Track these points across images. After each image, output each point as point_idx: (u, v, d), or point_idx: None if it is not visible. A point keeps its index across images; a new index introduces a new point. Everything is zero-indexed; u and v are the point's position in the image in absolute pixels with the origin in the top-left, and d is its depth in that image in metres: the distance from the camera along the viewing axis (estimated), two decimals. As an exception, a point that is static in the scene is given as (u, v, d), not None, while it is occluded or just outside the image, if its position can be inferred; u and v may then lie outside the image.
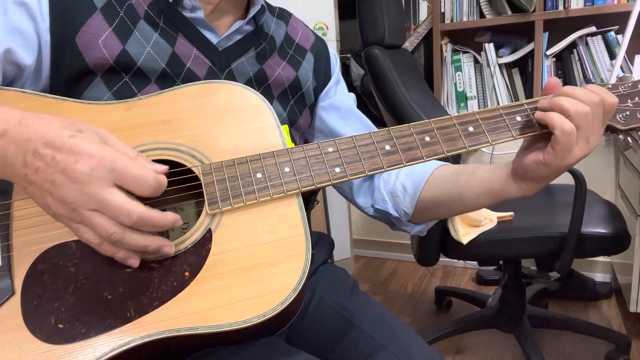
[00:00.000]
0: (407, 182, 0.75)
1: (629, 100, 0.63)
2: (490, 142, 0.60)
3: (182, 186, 0.58)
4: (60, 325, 0.49)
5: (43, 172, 0.45)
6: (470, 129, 0.61)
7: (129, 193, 0.47)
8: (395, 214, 0.76)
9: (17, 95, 0.56)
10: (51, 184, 0.45)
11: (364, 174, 0.58)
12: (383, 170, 0.59)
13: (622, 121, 0.63)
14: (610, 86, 0.64)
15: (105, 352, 0.47)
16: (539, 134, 0.60)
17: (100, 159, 0.45)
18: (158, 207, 0.62)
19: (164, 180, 0.49)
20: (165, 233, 0.64)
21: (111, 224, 0.46)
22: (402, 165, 0.59)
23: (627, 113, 0.63)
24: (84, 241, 0.48)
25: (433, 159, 0.60)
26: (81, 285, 0.51)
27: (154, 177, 0.47)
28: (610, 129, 0.64)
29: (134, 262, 0.50)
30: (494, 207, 1.47)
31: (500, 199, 0.66)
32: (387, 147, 0.60)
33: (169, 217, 0.49)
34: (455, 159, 1.35)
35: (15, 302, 0.50)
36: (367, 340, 0.68)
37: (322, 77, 0.80)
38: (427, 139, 0.60)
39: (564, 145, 0.56)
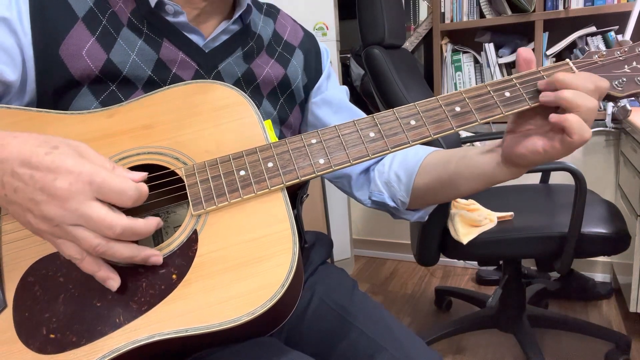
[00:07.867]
0: (400, 171, 0.75)
1: (625, 66, 0.59)
2: (479, 120, 0.58)
3: (169, 188, 0.58)
4: (52, 335, 0.49)
5: (22, 191, 0.45)
6: (457, 108, 0.59)
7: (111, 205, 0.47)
8: (392, 204, 0.76)
9: (1, 112, 0.56)
10: (31, 202, 0.45)
11: (349, 164, 0.57)
12: (368, 157, 0.58)
13: (619, 88, 0.59)
14: (605, 52, 0.60)
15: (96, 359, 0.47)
16: (529, 108, 0.58)
17: (78, 174, 0.45)
18: (149, 212, 0.62)
19: (144, 189, 0.48)
20: (161, 236, 0.64)
21: (95, 236, 0.46)
22: (388, 151, 0.58)
23: (624, 79, 0.59)
24: (66, 257, 0.48)
25: (420, 143, 0.59)
26: (70, 295, 0.51)
27: (134, 187, 0.47)
28: (607, 98, 0.60)
29: (113, 283, 0.49)
30: (494, 207, 1.47)
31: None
32: (372, 134, 0.58)
33: (151, 223, 0.49)
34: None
35: (8, 315, 0.50)
36: (367, 341, 0.68)
37: (313, 73, 0.79)
38: (413, 122, 0.59)
39: (576, 145, 0.55)
